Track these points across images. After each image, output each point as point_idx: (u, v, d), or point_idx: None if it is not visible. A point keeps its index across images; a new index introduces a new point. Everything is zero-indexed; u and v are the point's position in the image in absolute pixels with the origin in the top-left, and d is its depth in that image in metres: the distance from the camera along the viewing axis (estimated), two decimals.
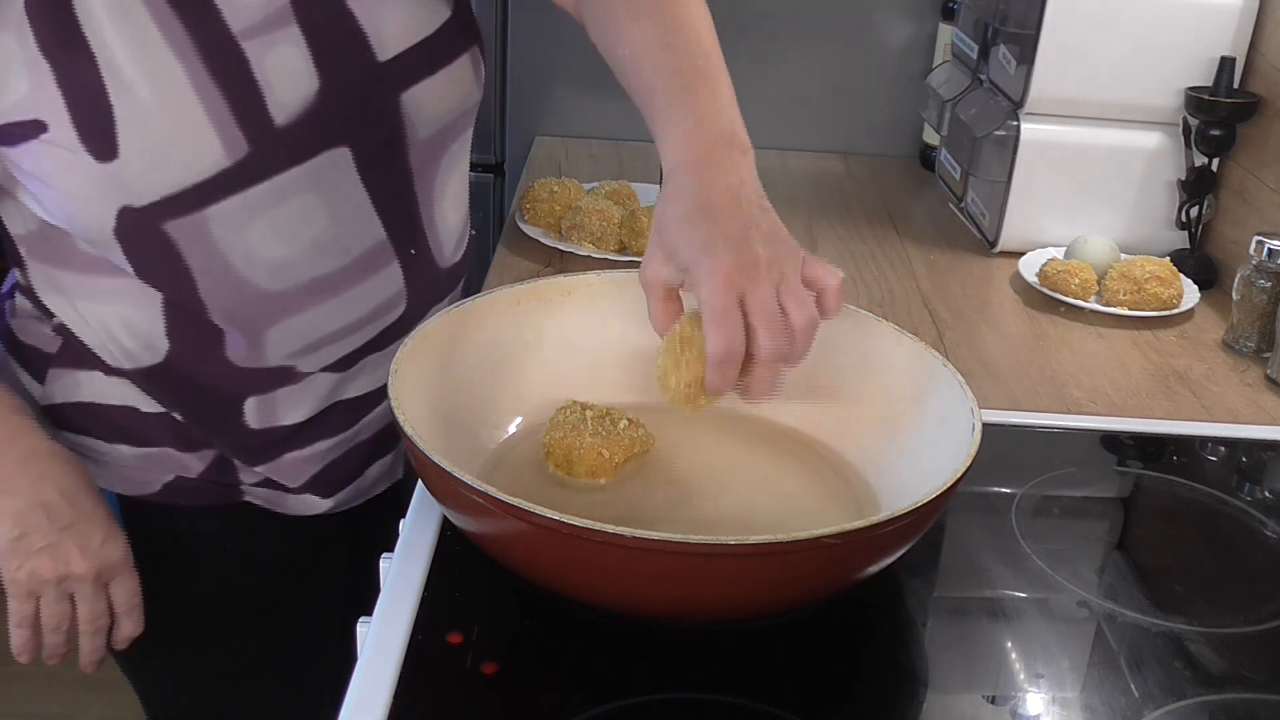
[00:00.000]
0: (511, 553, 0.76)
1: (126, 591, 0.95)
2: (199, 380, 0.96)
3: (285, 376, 0.98)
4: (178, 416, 0.98)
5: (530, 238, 1.43)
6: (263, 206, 0.88)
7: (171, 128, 0.84)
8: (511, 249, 1.43)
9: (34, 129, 0.83)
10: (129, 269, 0.89)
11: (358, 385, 1.03)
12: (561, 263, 1.39)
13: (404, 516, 0.89)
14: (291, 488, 1.04)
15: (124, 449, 0.99)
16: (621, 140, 1.84)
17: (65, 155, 0.83)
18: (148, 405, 0.97)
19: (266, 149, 0.86)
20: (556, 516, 0.68)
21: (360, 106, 0.91)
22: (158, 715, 1.15)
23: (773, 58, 1.82)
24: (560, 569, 0.74)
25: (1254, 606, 0.87)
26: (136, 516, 1.00)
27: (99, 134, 0.83)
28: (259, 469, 1.02)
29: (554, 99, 1.85)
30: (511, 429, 0.94)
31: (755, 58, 1.81)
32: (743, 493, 0.90)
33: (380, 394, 1.04)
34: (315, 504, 1.06)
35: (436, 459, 0.73)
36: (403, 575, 0.82)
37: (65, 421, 0.99)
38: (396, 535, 0.87)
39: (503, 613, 0.80)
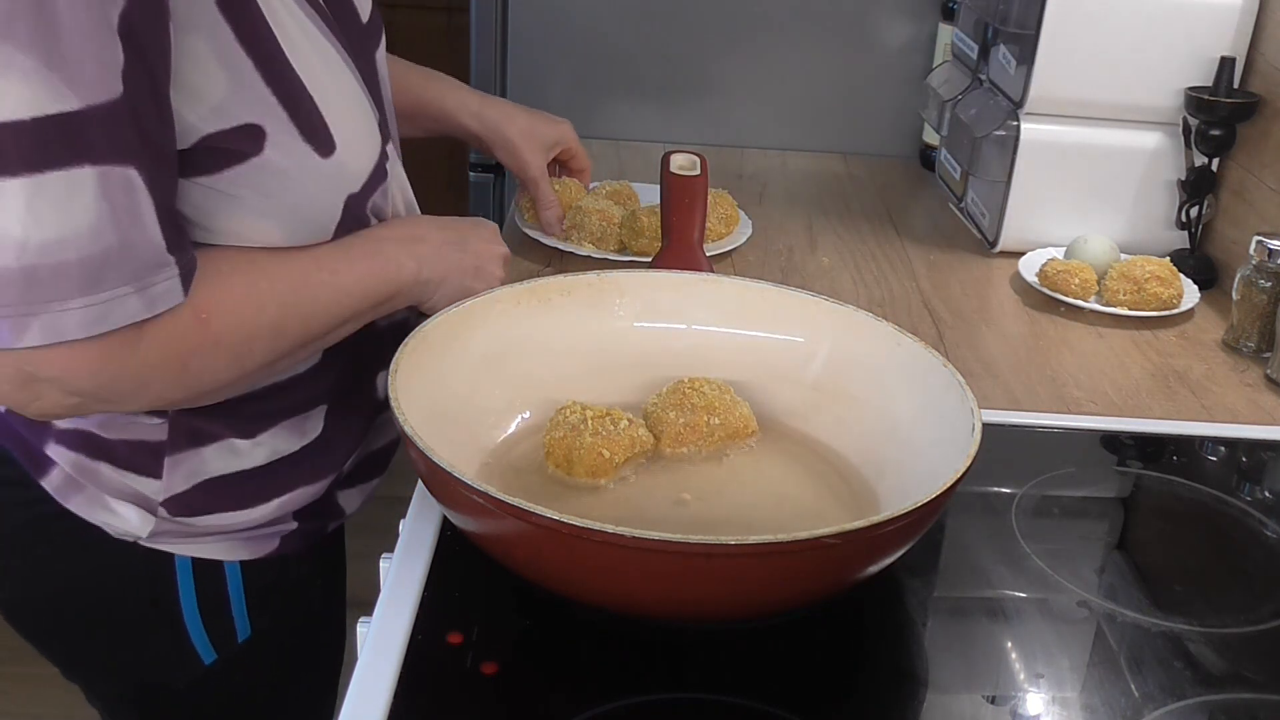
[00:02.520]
0: (511, 553, 0.76)
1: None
2: (348, 358, 0.97)
3: (400, 331, 0.95)
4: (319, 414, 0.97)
5: (531, 238, 1.43)
6: (394, 170, 0.97)
7: (354, 109, 0.89)
8: (511, 249, 1.42)
9: (248, 140, 0.80)
10: None
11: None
12: (561, 263, 1.39)
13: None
14: (375, 469, 1.07)
15: (256, 511, 0.95)
16: (621, 140, 1.84)
17: (292, 162, 0.82)
18: (274, 453, 0.95)
19: (384, 116, 0.95)
20: (556, 516, 0.68)
21: (368, 69, 0.95)
22: None
23: (773, 58, 1.82)
24: (560, 569, 0.74)
25: (1254, 606, 0.87)
26: (258, 579, 0.99)
27: (315, 129, 0.83)
28: (366, 448, 1.04)
29: (554, 99, 1.85)
30: (511, 429, 0.94)
31: (755, 58, 1.81)
32: (743, 493, 0.90)
33: None
34: (376, 482, 1.09)
35: (436, 459, 0.73)
36: (403, 575, 0.82)
37: (192, 507, 0.93)
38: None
39: (503, 613, 0.80)
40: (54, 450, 0.91)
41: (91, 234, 0.71)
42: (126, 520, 0.92)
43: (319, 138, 0.83)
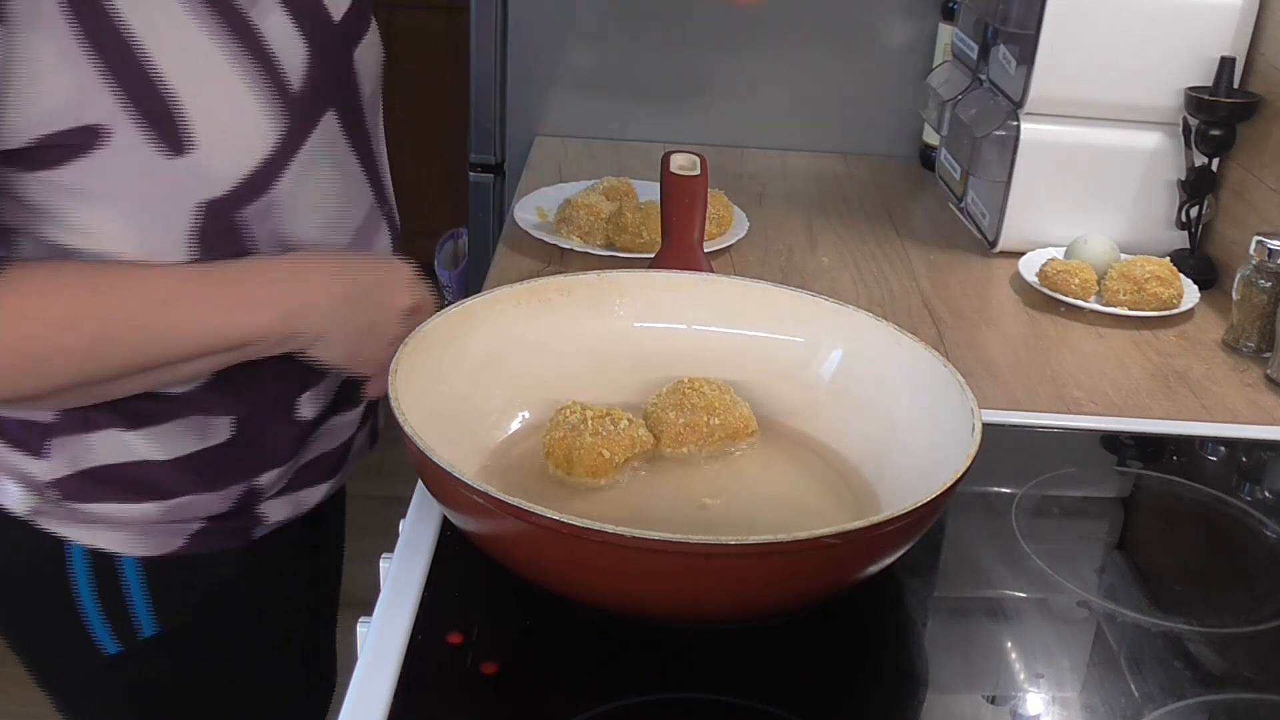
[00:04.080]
0: (512, 553, 0.76)
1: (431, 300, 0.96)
2: (258, 383, 0.92)
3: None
4: (221, 438, 0.93)
5: (531, 237, 1.43)
6: (303, 179, 0.87)
7: (230, 109, 0.82)
8: (512, 249, 1.43)
9: (89, 138, 0.78)
10: None
11: None
12: (561, 262, 1.39)
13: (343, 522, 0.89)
14: (306, 475, 1.01)
15: (148, 507, 0.92)
16: (621, 140, 1.84)
17: (134, 158, 0.79)
18: (167, 452, 0.91)
19: (297, 119, 0.86)
20: (556, 516, 0.68)
21: (334, 67, 0.91)
22: None
23: (773, 58, 1.82)
24: (560, 569, 0.74)
25: (1254, 606, 0.87)
26: (160, 577, 0.96)
27: (168, 127, 0.79)
28: (288, 463, 0.97)
29: (554, 99, 1.85)
30: (512, 429, 0.94)
31: (755, 58, 1.81)
32: (743, 493, 0.90)
33: None
34: (316, 492, 1.03)
35: (436, 459, 0.73)
36: (403, 575, 0.82)
37: (78, 493, 0.90)
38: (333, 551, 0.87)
39: (503, 613, 0.80)
40: None
41: None
42: (11, 498, 0.91)
43: (172, 136, 0.80)
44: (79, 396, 0.85)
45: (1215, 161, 1.42)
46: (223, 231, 0.84)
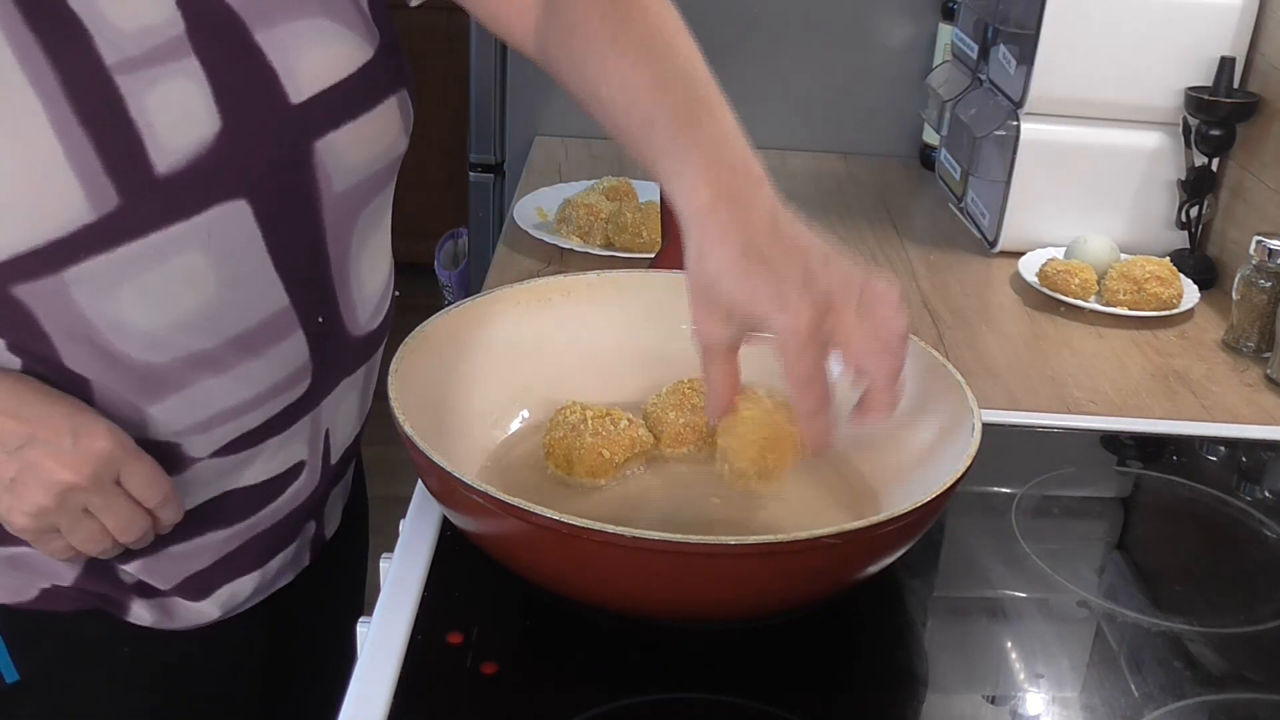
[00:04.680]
0: (512, 553, 0.76)
1: (141, 479, 0.79)
2: None
3: (170, 460, 0.82)
4: None
5: (531, 236, 1.43)
6: (135, 268, 0.75)
7: (25, 173, 0.71)
8: (512, 249, 1.43)
9: None
10: None
11: (255, 471, 0.87)
12: (561, 262, 1.39)
13: (321, 606, 0.87)
14: (164, 588, 0.88)
15: None
16: None
17: None
18: None
19: (142, 201, 0.74)
20: (556, 516, 0.68)
21: (267, 154, 0.79)
22: None
23: (773, 58, 1.81)
24: (560, 569, 0.74)
25: (1254, 606, 0.87)
26: (16, 624, 0.87)
27: None
28: (129, 566, 0.86)
29: (554, 99, 1.85)
30: (512, 428, 0.94)
31: (755, 58, 1.81)
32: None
33: (283, 482, 0.90)
34: (199, 611, 0.91)
35: (436, 459, 0.73)
36: (403, 575, 0.82)
37: None
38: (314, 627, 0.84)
39: (503, 613, 0.80)
40: None
41: None
42: None
43: None
44: None
45: (1215, 161, 1.42)
46: None
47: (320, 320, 0.85)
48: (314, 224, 0.83)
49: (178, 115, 0.75)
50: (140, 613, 0.89)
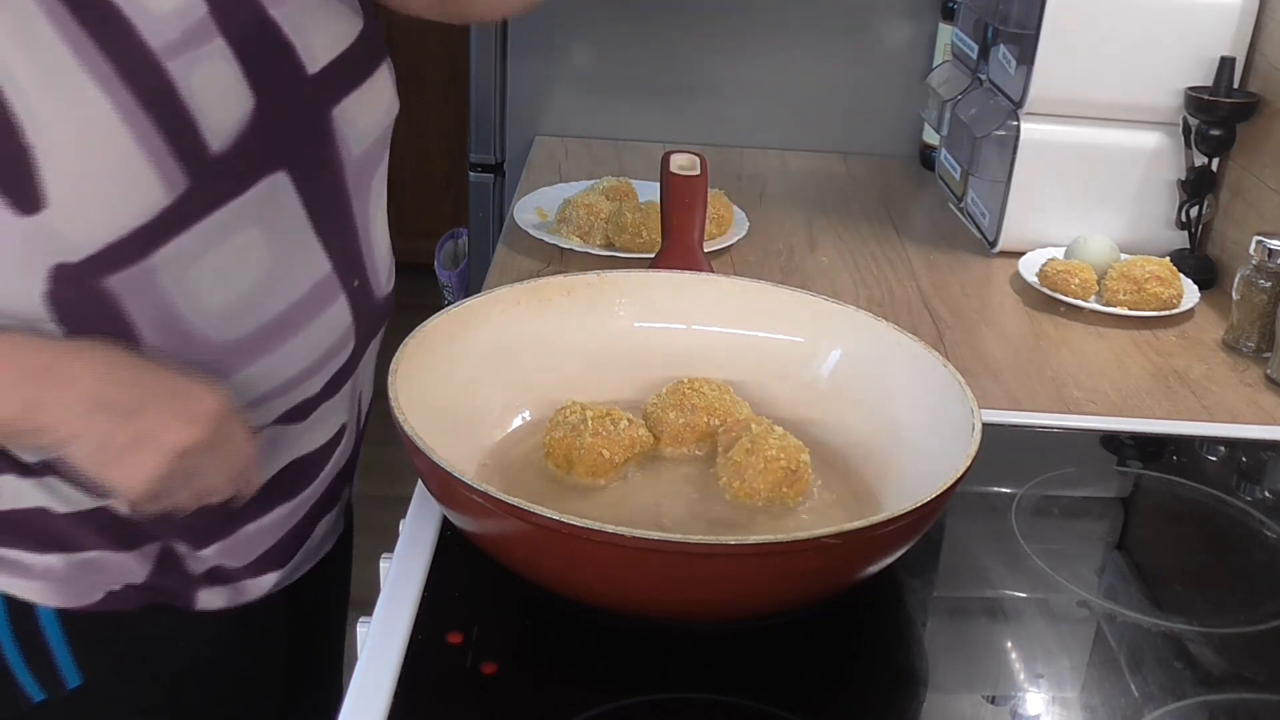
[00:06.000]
0: (511, 553, 0.76)
1: (240, 441, 0.81)
2: None
3: None
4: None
5: (531, 236, 1.43)
6: (206, 246, 0.79)
7: (104, 166, 0.74)
8: (512, 249, 1.43)
9: None
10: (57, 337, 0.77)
11: (311, 439, 0.91)
12: (561, 262, 1.39)
13: (346, 581, 0.87)
14: (237, 567, 0.91)
15: (53, 559, 0.85)
16: (621, 140, 1.84)
17: None
18: (64, 504, 0.83)
19: (205, 181, 0.77)
20: (556, 516, 0.68)
21: (296, 125, 0.83)
22: None
23: (773, 58, 1.81)
24: (560, 569, 0.74)
25: (1254, 606, 0.87)
26: (80, 628, 0.88)
27: (18, 180, 0.72)
28: (206, 551, 0.88)
29: (554, 99, 1.85)
30: (512, 428, 0.94)
31: (755, 58, 1.81)
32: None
33: (330, 448, 0.94)
34: (264, 582, 0.94)
35: (436, 459, 0.73)
36: (403, 575, 0.82)
37: None
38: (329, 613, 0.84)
39: (503, 613, 0.80)
40: None
41: None
42: None
43: (19, 190, 0.72)
44: None
45: (1215, 161, 1.42)
46: (84, 299, 0.76)
47: (355, 284, 0.90)
48: (341, 189, 0.88)
49: (219, 94, 0.78)
50: (209, 599, 0.91)
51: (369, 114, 0.90)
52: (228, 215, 0.79)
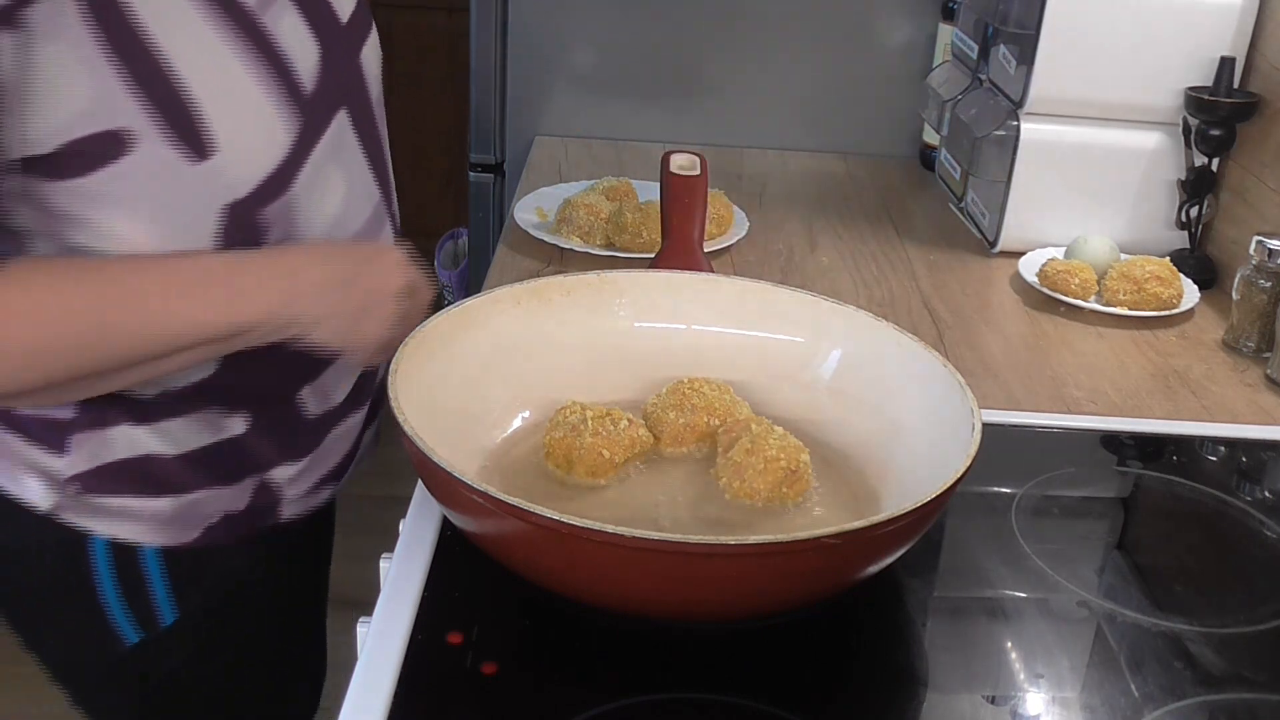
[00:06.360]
0: (511, 553, 0.76)
1: (423, 278, 0.95)
2: (258, 377, 0.94)
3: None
4: (230, 432, 0.95)
5: (531, 236, 1.43)
6: (315, 179, 0.90)
7: (246, 112, 0.85)
8: (512, 249, 1.43)
9: (114, 145, 0.80)
10: None
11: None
12: (561, 262, 1.39)
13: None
14: (313, 481, 1.02)
15: (163, 502, 0.94)
16: (621, 140, 1.84)
17: (159, 164, 0.81)
18: (174, 447, 0.93)
19: (308, 119, 0.89)
20: (556, 516, 0.68)
21: (345, 68, 0.94)
22: None
23: (773, 58, 1.82)
24: (560, 569, 0.74)
25: (1254, 606, 0.87)
26: (179, 566, 0.98)
27: (190, 133, 0.82)
28: (304, 460, 1.00)
29: (554, 99, 1.85)
30: (512, 428, 0.94)
31: (755, 58, 1.81)
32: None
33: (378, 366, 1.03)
34: (332, 489, 1.06)
35: (436, 459, 0.73)
36: (403, 575, 0.82)
37: (97, 487, 0.93)
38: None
39: (503, 613, 0.80)
40: None
41: None
42: (31, 492, 0.93)
43: (194, 141, 0.82)
44: (81, 389, 0.86)
45: (1215, 161, 1.42)
46: (245, 232, 0.86)
47: (391, 214, 1.02)
48: (375, 127, 0.99)
49: (299, 41, 0.89)
50: (290, 512, 1.02)
51: (375, 61, 1.00)
52: (323, 148, 0.90)
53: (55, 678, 1.06)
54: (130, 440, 0.92)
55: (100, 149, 0.80)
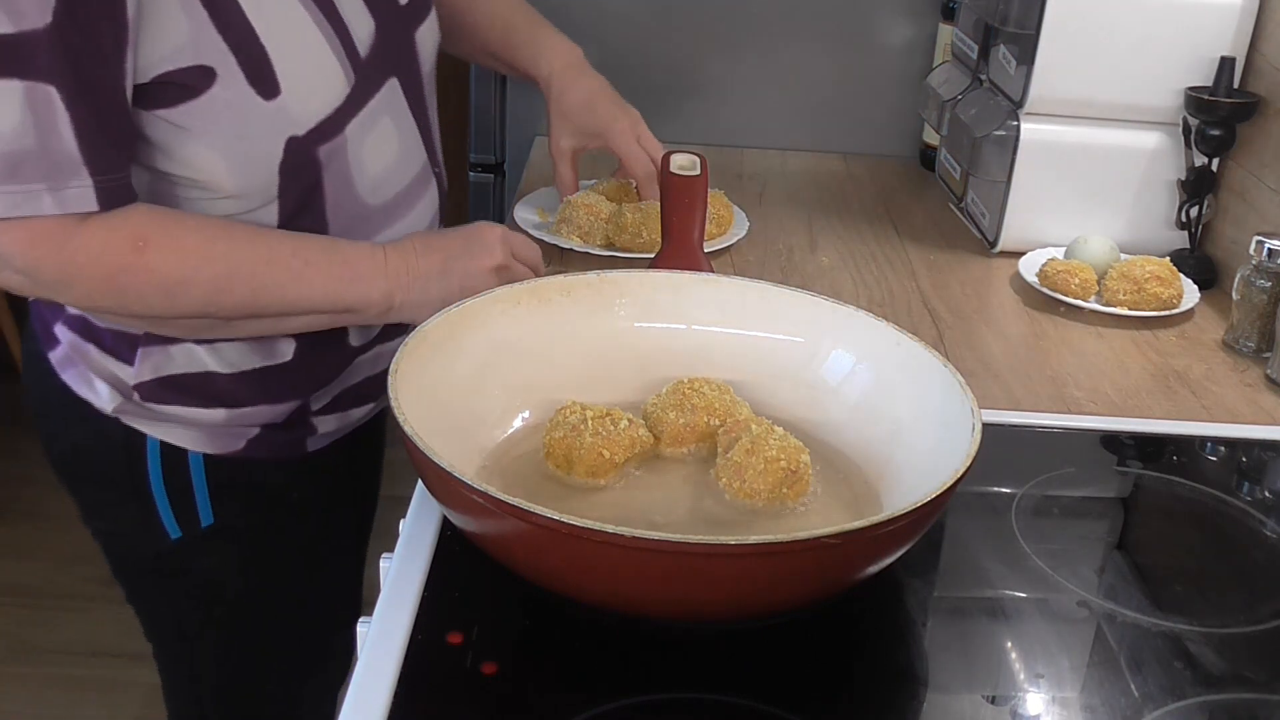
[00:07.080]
0: (511, 553, 0.76)
1: (524, 243, 1.10)
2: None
3: None
4: (278, 359, 1.07)
5: (533, 237, 1.43)
6: (366, 128, 1.03)
7: (309, 61, 0.98)
8: None
9: (201, 79, 0.92)
10: (274, 205, 0.99)
11: None
12: (561, 262, 1.39)
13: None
14: (361, 398, 1.16)
15: (217, 412, 1.07)
16: None
17: (235, 100, 0.93)
18: (229, 367, 1.06)
19: (362, 77, 1.02)
20: (556, 516, 0.68)
21: (398, 42, 1.08)
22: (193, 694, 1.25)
23: (773, 58, 1.81)
24: (560, 569, 0.74)
25: (1254, 606, 0.87)
26: (221, 472, 1.10)
27: (262, 74, 0.94)
28: (345, 381, 1.13)
29: None
30: (512, 428, 0.94)
31: (755, 58, 1.81)
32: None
33: None
34: (368, 408, 1.19)
35: (436, 459, 0.73)
36: (403, 575, 0.82)
37: (157, 396, 1.06)
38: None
39: (503, 613, 0.80)
40: (59, 330, 1.08)
41: (14, 135, 0.85)
42: (101, 397, 1.07)
43: (264, 82, 0.94)
44: (201, 327, 1.01)
45: (1215, 161, 1.42)
46: (302, 165, 0.99)
47: (436, 171, 1.16)
48: (423, 97, 1.13)
49: (356, 14, 1.03)
50: (325, 428, 1.15)
51: (431, 40, 1.14)
52: (375, 105, 1.04)
53: (115, 571, 1.20)
54: (189, 357, 1.04)
55: (190, 82, 0.92)
